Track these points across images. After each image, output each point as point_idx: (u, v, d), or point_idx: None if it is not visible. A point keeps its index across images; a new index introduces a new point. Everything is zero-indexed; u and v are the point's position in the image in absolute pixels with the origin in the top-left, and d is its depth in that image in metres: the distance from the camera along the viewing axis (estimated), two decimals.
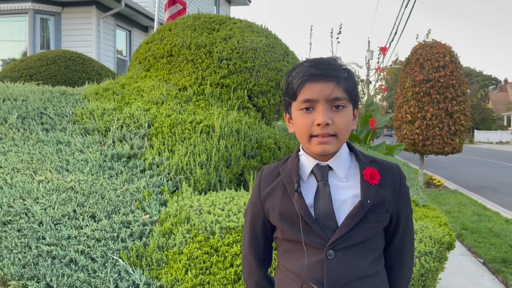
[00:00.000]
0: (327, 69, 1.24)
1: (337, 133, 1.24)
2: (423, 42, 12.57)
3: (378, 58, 10.07)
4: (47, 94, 3.44)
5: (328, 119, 1.22)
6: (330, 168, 1.29)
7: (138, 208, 2.58)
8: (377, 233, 1.30)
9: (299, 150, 1.36)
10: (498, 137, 42.04)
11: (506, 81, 67.04)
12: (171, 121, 3.12)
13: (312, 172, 1.30)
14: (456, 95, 11.58)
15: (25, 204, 2.31)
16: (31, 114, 3.12)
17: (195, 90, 3.49)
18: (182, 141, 3.03)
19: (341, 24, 7.56)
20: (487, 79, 67.50)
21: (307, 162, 1.31)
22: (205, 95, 3.47)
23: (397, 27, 20.04)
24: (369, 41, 23.52)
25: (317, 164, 1.29)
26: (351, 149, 1.35)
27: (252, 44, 3.69)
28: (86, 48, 12.93)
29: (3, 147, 2.73)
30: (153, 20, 15.19)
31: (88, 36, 13.79)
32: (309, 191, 1.29)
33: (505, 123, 54.07)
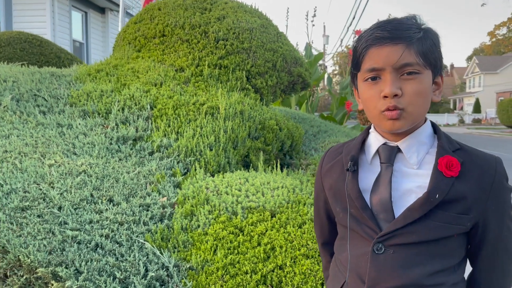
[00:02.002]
0: (394, 30, 1.04)
1: (408, 107, 1.03)
2: None
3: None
4: (37, 75, 3.26)
5: (396, 90, 1.02)
6: (399, 150, 1.09)
7: (154, 191, 2.52)
8: (449, 238, 1.06)
9: (370, 127, 1.19)
10: (445, 120, 43.89)
11: (452, 66, 69.99)
12: (174, 103, 3.04)
13: (377, 152, 1.13)
14: None
15: (40, 189, 2.21)
16: (25, 96, 2.95)
17: (193, 71, 3.42)
18: (188, 123, 2.97)
19: (315, 7, 7.58)
20: None
21: (375, 141, 1.14)
22: (203, 76, 3.41)
23: (356, 11, 20.41)
24: (324, 26, 23.72)
25: (384, 143, 1.11)
26: (436, 131, 1.13)
27: (247, 25, 3.65)
28: (40, 30, 12.27)
29: (3, 131, 2.57)
30: (110, 1, 14.62)
31: (42, 17, 13.11)
32: (371, 173, 1.12)
33: (451, 106, 56.56)
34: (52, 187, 2.25)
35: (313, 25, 8.13)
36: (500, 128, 30.97)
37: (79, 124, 2.84)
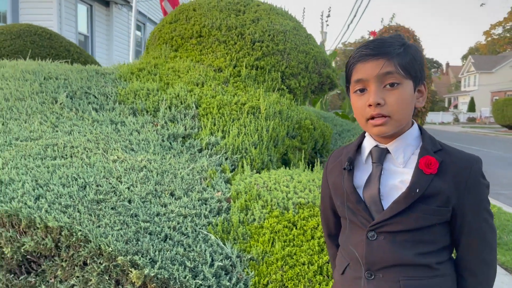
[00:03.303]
0: (377, 47, 1.21)
1: (390, 114, 1.18)
2: (388, 26, 13.01)
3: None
4: (84, 73, 3.39)
5: (379, 99, 1.17)
6: (388, 151, 1.26)
7: (208, 186, 2.68)
8: (431, 226, 1.22)
9: (365, 132, 1.34)
10: (440, 118, 44.32)
11: (447, 64, 70.53)
12: (218, 102, 3.20)
13: (370, 153, 1.29)
14: None
15: (110, 183, 2.36)
16: (77, 93, 3.08)
17: (231, 72, 3.57)
18: (232, 122, 3.13)
19: (330, 7, 7.74)
20: (429, 62, 70.69)
21: (368, 144, 1.30)
22: (241, 76, 3.56)
23: (357, 9, 20.54)
24: (322, 23, 23.81)
25: (376, 146, 1.28)
26: (422, 134, 1.28)
27: (281, 27, 3.80)
28: (47, 23, 12.30)
29: (65, 127, 2.71)
30: None
31: (49, 10, 13.13)
32: (365, 172, 1.29)
33: (446, 105, 57.10)
34: (120, 181, 2.40)
35: (327, 25, 8.30)
36: (494, 127, 31.33)
37: (131, 121, 2.98)
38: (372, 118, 1.20)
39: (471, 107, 45.64)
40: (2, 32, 9.00)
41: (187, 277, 2.08)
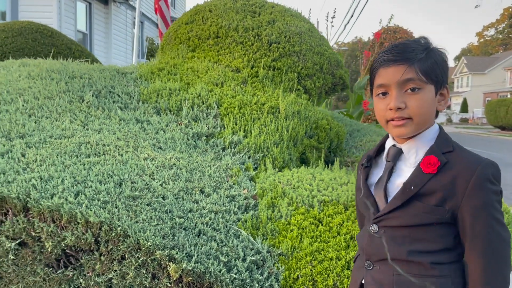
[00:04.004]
0: (399, 53, 1.24)
1: (411, 117, 1.23)
2: (386, 27, 13.13)
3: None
4: (106, 72, 3.46)
5: (400, 103, 1.22)
6: (402, 151, 1.31)
7: (234, 184, 2.76)
8: (429, 225, 1.23)
9: None
10: None
11: None
12: (238, 102, 3.28)
13: (388, 152, 1.36)
14: None
15: (144, 180, 2.43)
16: (102, 92, 3.15)
17: (249, 72, 3.66)
18: (252, 121, 3.21)
19: (335, 8, 7.86)
20: None
21: (388, 143, 1.37)
22: (259, 77, 3.64)
23: (354, 10, 20.67)
24: (317, 22, 24.00)
25: (393, 145, 1.34)
26: (440, 135, 1.30)
27: (297, 29, 3.89)
28: (47, 20, 12.31)
29: (95, 126, 2.78)
30: None
31: (48, 7, 13.12)
32: (381, 169, 1.37)
33: None
34: (152, 178, 2.47)
35: (332, 26, 8.41)
36: (487, 128, 31.65)
37: (156, 120, 3.05)
38: (392, 120, 1.26)
39: (464, 107, 46.09)
40: (3, 30, 9.00)
41: (222, 271, 2.16)
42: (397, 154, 1.32)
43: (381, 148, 1.43)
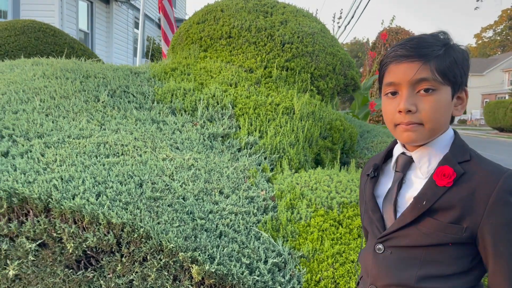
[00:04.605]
0: (414, 47, 1.08)
1: (423, 122, 1.07)
2: (388, 28, 13.15)
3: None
4: (119, 72, 3.44)
5: (410, 106, 1.06)
6: (413, 160, 1.15)
7: (252, 185, 2.74)
8: (444, 245, 1.08)
9: None
10: None
11: None
12: (253, 103, 3.26)
13: (396, 160, 1.19)
14: None
15: (164, 181, 2.41)
16: (117, 92, 3.13)
17: (262, 73, 3.64)
18: (268, 122, 3.19)
19: (341, 9, 7.83)
20: None
21: (397, 150, 1.21)
22: (272, 77, 3.62)
23: (355, 10, 20.69)
24: (334, 24, 23.92)
25: (402, 153, 1.18)
26: (455, 142, 1.15)
27: (309, 29, 3.88)
28: (48, 19, 12.29)
29: (112, 126, 2.76)
30: None
31: (50, 6, 13.09)
32: (390, 180, 1.20)
33: None
34: (172, 179, 2.45)
35: (339, 27, 8.42)
36: (485, 130, 31.71)
37: (171, 120, 3.03)
38: (402, 123, 1.10)
39: None
40: (6, 28, 8.97)
41: (244, 273, 2.14)
42: (407, 163, 1.16)
43: (388, 154, 1.26)
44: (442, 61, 1.06)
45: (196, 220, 2.28)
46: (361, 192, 1.34)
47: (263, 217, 2.50)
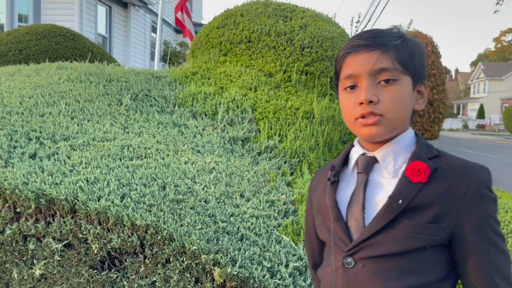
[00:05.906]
0: (371, 37, 1.03)
1: (384, 113, 1.00)
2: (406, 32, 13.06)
3: None
4: (141, 76, 3.50)
5: (372, 96, 0.99)
6: (377, 160, 1.06)
7: (273, 188, 2.76)
8: (422, 250, 0.99)
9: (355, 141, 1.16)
10: (449, 125, 44.30)
11: (457, 71, 70.58)
12: (273, 107, 3.29)
13: (356, 163, 1.10)
14: (437, 84, 12.23)
15: (186, 184, 2.45)
16: (139, 96, 3.18)
17: (282, 77, 3.66)
18: (287, 126, 3.21)
19: (359, 13, 7.86)
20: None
21: (355, 152, 1.11)
22: (291, 81, 3.65)
23: (372, 14, 20.59)
24: (351, 29, 23.86)
25: (363, 154, 1.08)
26: (418, 141, 1.08)
27: (329, 34, 3.89)
28: (68, 23, 12.47)
29: (135, 129, 2.81)
30: None
31: (70, 11, 13.31)
32: (350, 184, 1.09)
33: (455, 111, 57.10)
34: (194, 182, 2.49)
35: (357, 30, 8.40)
36: (505, 135, 31.22)
37: (192, 124, 3.07)
38: (363, 117, 1.02)
39: (481, 113, 45.61)
40: (27, 32, 9.16)
41: (266, 276, 2.16)
42: (370, 164, 1.07)
43: (345, 159, 1.15)
44: (401, 50, 1.03)
45: (218, 223, 2.30)
46: (311, 203, 1.21)
47: (283, 221, 2.51)
